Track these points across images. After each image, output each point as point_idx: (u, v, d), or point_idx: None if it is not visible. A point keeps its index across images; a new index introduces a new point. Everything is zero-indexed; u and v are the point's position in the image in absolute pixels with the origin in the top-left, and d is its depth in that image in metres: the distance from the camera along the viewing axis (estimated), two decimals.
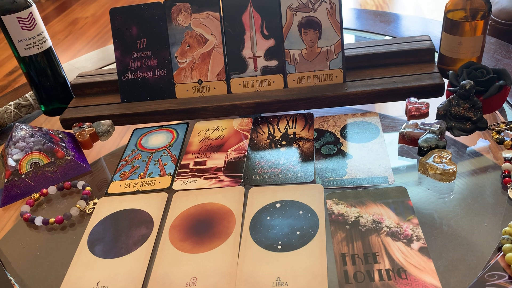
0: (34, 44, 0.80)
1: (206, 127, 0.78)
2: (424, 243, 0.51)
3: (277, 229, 0.55)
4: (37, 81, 0.84)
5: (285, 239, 0.54)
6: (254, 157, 0.69)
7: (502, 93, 0.67)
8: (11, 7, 0.76)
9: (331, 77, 0.77)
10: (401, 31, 1.02)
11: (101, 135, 0.77)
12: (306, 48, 0.77)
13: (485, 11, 0.71)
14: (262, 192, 0.62)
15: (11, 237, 0.63)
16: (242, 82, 0.79)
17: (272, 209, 0.59)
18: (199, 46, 0.79)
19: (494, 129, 0.65)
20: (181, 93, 0.81)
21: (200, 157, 0.71)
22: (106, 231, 0.60)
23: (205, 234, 0.57)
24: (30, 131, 0.72)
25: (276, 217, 0.57)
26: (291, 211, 0.58)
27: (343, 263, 0.50)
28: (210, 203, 0.61)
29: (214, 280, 0.51)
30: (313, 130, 0.72)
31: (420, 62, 0.79)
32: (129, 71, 0.81)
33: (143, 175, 0.69)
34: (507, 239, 0.48)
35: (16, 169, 0.68)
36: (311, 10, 0.75)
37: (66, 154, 0.71)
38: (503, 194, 0.56)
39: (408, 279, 0.47)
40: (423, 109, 0.69)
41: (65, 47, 2.76)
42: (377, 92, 0.73)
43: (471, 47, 0.73)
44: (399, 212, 0.55)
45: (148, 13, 0.80)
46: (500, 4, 1.22)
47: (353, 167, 0.63)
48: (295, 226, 0.56)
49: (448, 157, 0.59)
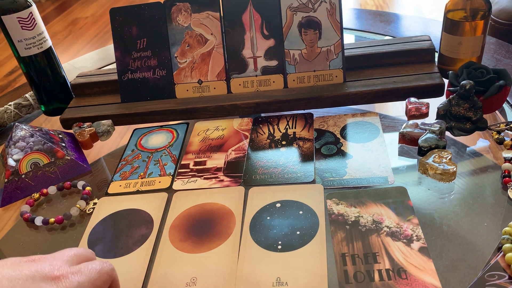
0: (34, 44, 0.80)
1: (206, 127, 0.78)
2: (424, 243, 0.51)
3: (277, 229, 0.55)
4: (37, 81, 0.84)
5: (285, 239, 0.54)
6: (254, 157, 0.69)
7: (502, 93, 0.67)
8: (11, 7, 0.76)
9: (331, 77, 0.77)
10: (401, 31, 1.02)
11: (101, 135, 0.77)
12: (306, 48, 0.77)
13: (485, 11, 0.71)
14: (262, 192, 0.62)
15: (11, 237, 0.63)
16: (242, 82, 0.79)
17: (272, 209, 0.58)
18: (199, 46, 0.79)
19: (494, 129, 0.65)
20: (181, 93, 0.81)
21: (200, 157, 0.71)
22: (106, 231, 0.60)
23: (205, 234, 0.57)
24: (30, 131, 0.72)
25: (276, 217, 0.57)
26: (291, 211, 0.58)
27: (343, 263, 0.50)
28: (210, 203, 0.61)
29: (214, 280, 0.51)
30: (313, 130, 0.72)
31: (420, 62, 0.79)
32: (129, 71, 0.81)
33: (143, 175, 0.69)
34: (507, 239, 0.48)
35: (16, 169, 0.68)
36: (311, 10, 0.75)
37: (66, 154, 0.71)
38: (503, 194, 0.56)
39: (408, 279, 0.47)
40: (423, 109, 0.69)
41: (65, 47, 2.76)
42: (377, 92, 0.73)
43: (471, 47, 0.73)
44: (399, 212, 0.55)
45: (148, 13, 0.80)
46: (500, 4, 1.22)
47: (353, 167, 0.63)
48: (295, 226, 0.56)
49: (448, 157, 0.59)
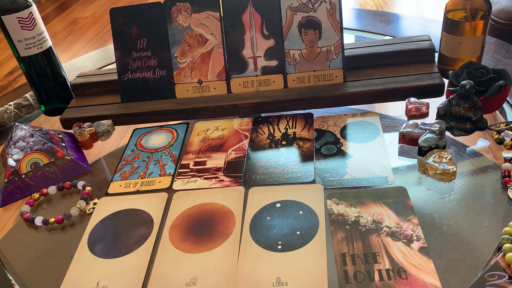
0: (34, 44, 0.80)
1: (206, 127, 0.78)
2: (424, 243, 0.51)
3: (277, 229, 0.55)
4: (37, 81, 0.84)
5: (285, 239, 0.54)
6: (254, 157, 0.69)
7: (502, 93, 0.67)
8: (11, 7, 0.76)
9: (331, 77, 0.77)
10: (401, 31, 1.02)
11: (101, 135, 0.77)
12: (306, 48, 0.77)
13: (485, 11, 0.71)
14: (262, 192, 0.62)
15: (11, 237, 0.63)
16: (242, 82, 0.79)
17: (272, 209, 0.59)
18: (199, 46, 0.79)
19: (494, 129, 0.65)
20: (181, 93, 0.81)
21: (200, 157, 0.71)
22: (106, 231, 0.60)
23: (205, 234, 0.57)
24: (30, 131, 0.72)
25: (276, 217, 0.57)
26: (291, 211, 0.58)
27: (343, 263, 0.50)
28: (210, 203, 0.61)
29: (214, 280, 0.51)
30: (313, 130, 0.72)
31: (420, 62, 0.79)
32: (129, 71, 0.81)
33: (143, 175, 0.69)
34: (507, 239, 0.48)
35: (16, 169, 0.68)
36: (311, 10, 0.75)
37: (66, 154, 0.71)
38: (503, 194, 0.56)
39: (408, 279, 0.47)
40: (423, 109, 0.69)
41: (65, 47, 2.76)
42: (377, 92, 0.73)
43: (471, 47, 0.73)
44: (399, 212, 0.55)
45: (148, 13, 0.80)
46: (500, 4, 1.22)
47: (353, 167, 0.63)
48: (295, 226, 0.56)
49: (448, 157, 0.59)
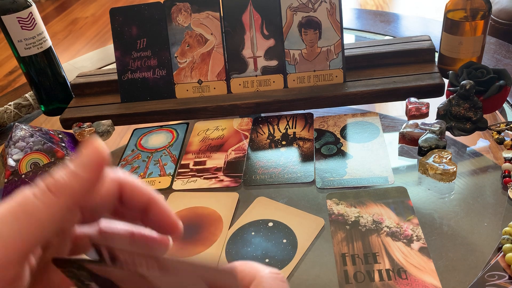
0: (34, 44, 0.80)
1: (206, 127, 0.78)
2: (424, 243, 0.51)
3: (252, 248, 0.53)
4: (37, 81, 0.84)
5: (253, 260, 0.51)
6: (254, 157, 0.69)
7: (502, 93, 0.67)
8: (11, 7, 0.76)
9: (331, 77, 0.77)
10: (401, 31, 1.02)
11: (101, 135, 0.77)
12: (306, 48, 0.76)
13: (485, 11, 0.71)
14: (267, 204, 0.59)
15: None
16: (242, 82, 0.79)
17: (261, 226, 0.56)
18: (199, 46, 0.79)
19: (494, 129, 0.65)
20: (181, 93, 0.81)
21: (200, 157, 0.71)
22: None
23: (190, 239, 0.56)
24: (30, 131, 0.72)
25: (260, 236, 0.55)
26: (277, 236, 0.54)
27: (343, 263, 0.50)
28: (201, 207, 0.60)
29: None
30: (313, 130, 0.72)
31: (420, 62, 0.78)
32: (129, 71, 0.81)
33: (143, 175, 0.69)
34: (507, 239, 0.48)
35: (16, 169, 0.68)
36: (311, 10, 0.75)
37: (66, 154, 0.71)
38: (503, 194, 0.56)
39: (408, 279, 0.47)
40: (423, 109, 0.69)
41: (65, 47, 2.76)
42: (377, 92, 0.73)
43: (471, 47, 0.73)
44: (399, 212, 0.55)
45: (148, 13, 0.79)
46: (500, 4, 1.22)
47: (353, 167, 0.63)
48: (268, 253, 0.52)
49: (448, 157, 0.59)
